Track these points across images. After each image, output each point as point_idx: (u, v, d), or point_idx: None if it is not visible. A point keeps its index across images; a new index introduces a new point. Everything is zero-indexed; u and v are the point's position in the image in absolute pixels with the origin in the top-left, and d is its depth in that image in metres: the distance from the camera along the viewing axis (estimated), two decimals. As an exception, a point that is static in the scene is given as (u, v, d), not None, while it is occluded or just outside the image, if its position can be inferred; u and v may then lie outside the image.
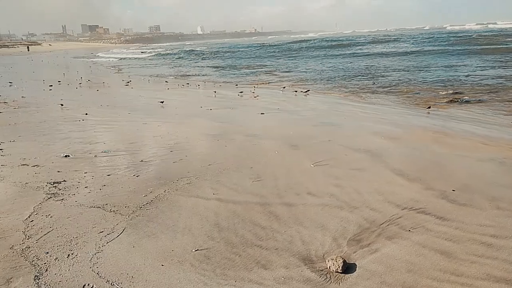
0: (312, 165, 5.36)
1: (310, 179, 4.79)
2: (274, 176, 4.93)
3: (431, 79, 16.50)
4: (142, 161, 5.68)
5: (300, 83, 18.11)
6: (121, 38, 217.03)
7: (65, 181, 4.84)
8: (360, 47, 42.77)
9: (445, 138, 7.06)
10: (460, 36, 45.48)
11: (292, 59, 32.90)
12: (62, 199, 4.27)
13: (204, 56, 46.71)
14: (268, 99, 12.82)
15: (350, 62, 26.59)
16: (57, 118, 9.15)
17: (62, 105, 11.03)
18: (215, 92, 14.10)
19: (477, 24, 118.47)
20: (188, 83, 18.87)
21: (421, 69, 20.35)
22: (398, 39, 51.40)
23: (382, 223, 3.57)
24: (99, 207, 4.02)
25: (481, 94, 12.75)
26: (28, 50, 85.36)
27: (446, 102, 11.82)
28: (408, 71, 19.98)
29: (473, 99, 11.91)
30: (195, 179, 4.85)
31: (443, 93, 13.33)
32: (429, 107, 10.72)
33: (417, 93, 13.78)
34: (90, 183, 4.76)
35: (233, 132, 7.54)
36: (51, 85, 16.92)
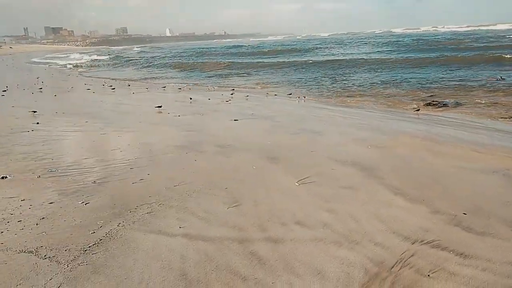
0: (296, 183, 4.60)
1: (296, 203, 4.03)
2: (254, 200, 4.14)
3: (402, 82, 16.25)
4: (94, 182, 4.75)
5: (270, 86, 17.54)
6: (86, 41, 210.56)
7: (-7, 212, 3.86)
8: (320, 50, 42.14)
9: (436, 145, 6.48)
10: (422, 39, 46.27)
11: (255, 62, 31.35)
12: (-16, 240, 3.32)
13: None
14: (240, 104, 12.05)
15: (314, 65, 25.58)
16: (2, 129, 7.99)
17: (35, 111, 9.81)
18: (190, 98, 13.06)
19: (433, 28, 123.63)
20: (164, 87, 17.83)
21: (390, 71, 20.14)
22: (359, 42, 51.54)
23: (393, 266, 2.84)
24: (31, 252, 3.09)
25: (457, 97, 12.47)
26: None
27: (424, 105, 11.42)
28: (376, 73, 19.70)
29: (451, 101, 11.56)
30: (158, 206, 3.99)
31: (419, 96, 13.05)
32: (418, 110, 10.32)
33: (392, 96, 13.42)
34: (25, 215, 3.81)
35: (203, 143, 6.71)
36: (5, 90, 15.46)
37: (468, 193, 4.22)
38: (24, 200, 4.18)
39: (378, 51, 34.86)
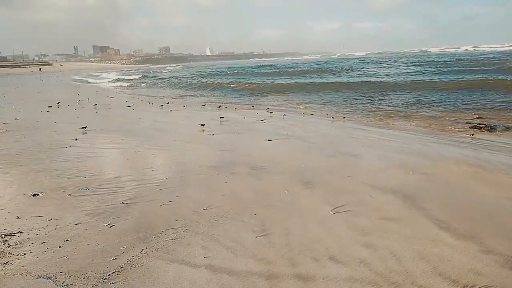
0: (331, 212, 4.30)
1: (330, 234, 3.73)
2: (284, 229, 3.88)
3: (445, 103, 15.43)
4: (123, 203, 4.66)
5: (304, 105, 17.23)
6: (131, 59, 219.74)
7: (21, 232, 3.83)
8: (354, 71, 39.76)
9: (484, 173, 5.97)
10: (461, 59, 43.95)
11: (288, 83, 30.01)
12: (7, 262, 3.25)
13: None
14: (275, 123, 11.86)
15: (348, 86, 24.07)
16: (42, 144, 8.23)
17: (85, 127, 10.31)
18: (221, 117, 13.02)
19: (473, 47, 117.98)
20: (204, 105, 18.05)
21: (428, 93, 18.94)
22: (394, 62, 49.54)
23: (441, 317, 2.49)
24: (50, 278, 2.98)
25: (504, 120, 11.66)
26: (40, 70, 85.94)
27: (470, 128, 10.74)
28: (413, 95, 18.60)
29: (501, 125, 10.81)
30: (183, 232, 3.81)
31: (463, 118, 12.32)
32: (473, 134, 9.61)
33: (433, 118, 12.72)
34: (50, 236, 3.74)
35: (236, 164, 6.54)
36: (50, 106, 16.17)
37: (526, 231, 3.76)
38: (51, 220, 4.14)
39: (414, 72, 33.22)
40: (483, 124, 11.03)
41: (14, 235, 3.75)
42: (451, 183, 5.42)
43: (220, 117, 12.84)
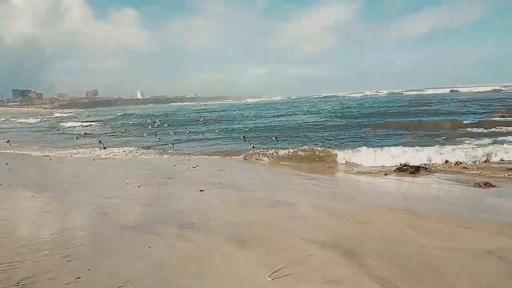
0: (269, 278, 3.82)
1: (269, 310, 3.23)
2: (217, 306, 3.31)
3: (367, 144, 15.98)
4: (18, 284, 3.78)
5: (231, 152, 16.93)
6: (55, 103, 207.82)
7: None
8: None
9: (419, 220, 5.90)
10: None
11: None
12: None
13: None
14: (207, 170, 11.34)
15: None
16: None
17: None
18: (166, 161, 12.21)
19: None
20: (128, 153, 16.91)
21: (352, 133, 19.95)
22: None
23: None
24: None
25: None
26: None
27: (395, 171, 11.07)
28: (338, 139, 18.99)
29: (421, 166, 11.26)
30: (91, 324, 3.08)
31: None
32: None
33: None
34: None
35: (162, 221, 5.87)
36: None
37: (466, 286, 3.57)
38: None
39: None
40: (407, 165, 11.42)
41: None
42: (388, 234, 5.23)
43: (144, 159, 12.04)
